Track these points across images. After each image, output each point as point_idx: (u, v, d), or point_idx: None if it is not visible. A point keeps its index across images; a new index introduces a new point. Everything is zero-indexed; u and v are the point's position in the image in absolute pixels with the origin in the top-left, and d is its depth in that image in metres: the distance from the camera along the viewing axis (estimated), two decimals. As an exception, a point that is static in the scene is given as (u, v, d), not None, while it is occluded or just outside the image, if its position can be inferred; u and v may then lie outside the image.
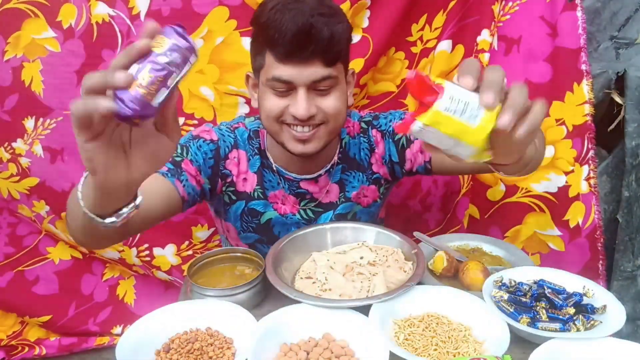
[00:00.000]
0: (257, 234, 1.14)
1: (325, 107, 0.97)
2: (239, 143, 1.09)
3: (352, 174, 1.14)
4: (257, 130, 1.11)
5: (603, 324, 0.77)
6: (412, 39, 1.37)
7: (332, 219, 1.13)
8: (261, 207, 1.11)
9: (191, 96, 1.36)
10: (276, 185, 1.11)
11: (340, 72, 0.99)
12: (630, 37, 1.35)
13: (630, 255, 1.40)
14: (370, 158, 1.14)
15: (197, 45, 0.66)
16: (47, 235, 1.57)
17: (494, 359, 0.68)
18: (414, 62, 1.39)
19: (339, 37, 0.94)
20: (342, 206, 1.13)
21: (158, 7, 1.27)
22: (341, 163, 1.13)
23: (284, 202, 1.12)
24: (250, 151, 1.10)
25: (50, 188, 1.43)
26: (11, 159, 1.40)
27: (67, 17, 1.27)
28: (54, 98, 1.33)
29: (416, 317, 0.83)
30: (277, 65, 0.93)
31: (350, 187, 1.13)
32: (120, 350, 0.76)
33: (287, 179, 1.10)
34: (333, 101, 0.97)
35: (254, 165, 1.10)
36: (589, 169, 1.29)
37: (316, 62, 0.92)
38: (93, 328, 1.66)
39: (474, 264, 0.93)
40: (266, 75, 0.95)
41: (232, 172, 1.09)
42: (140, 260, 1.56)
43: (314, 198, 1.12)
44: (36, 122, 1.36)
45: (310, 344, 0.78)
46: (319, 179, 1.11)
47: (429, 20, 1.34)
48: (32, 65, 1.30)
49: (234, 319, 0.82)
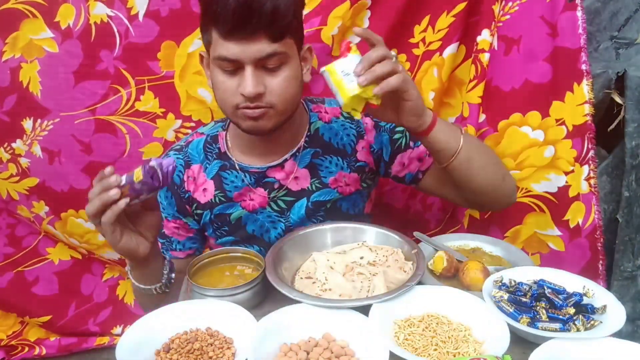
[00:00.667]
0: (232, 236, 1.13)
1: (275, 88, 0.94)
2: (190, 159, 1.11)
3: (327, 159, 1.10)
4: (216, 135, 1.12)
5: (603, 324, 0.77)
6: (414, 41, 1.36)
7: (309, 207, 1.10)
8: (227, 209, 1.10)
9: (189, 98, 1.35)
10: (240, 184, 1.09)
11: (291, 48, 0.95)
12: (630, 37, 1.35)
13: (630, 255, 1.40)
14: (357, 145, 1.11)
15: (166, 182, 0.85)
16: (46, 236, 1.57)
17: (494, 359, 0.68)
18: (416, 63, 1.39)
19: (285, 10, 0.89)
20: (318, 193, 1.10)
21: (156, 7, 1.26)
22: (311, 147, 1.09)
23: (252, 198, 1.10)
24: (206, 159, 1.10)
25: (49, 188, 1.43)
26: (11, 159, 1.40)
27: (66, 18, 1.27)
28: (51, 99, 1.33)
29: (416, 317, 0.83)
30: (222, 43, 0.91)
31: (327, 172, 1.10)
32: (120, 350, 0.76)
33: (251, 173, 1.08)
34: (282, 81, 0.94)
35: (210, 172, 1.10)
36: (589, 169, 1.29)
37: (261, 38, 0.89)
38: (93, 328, 1.66)
39: (474, 264, 0.93)
40: (213, 53, 0.94)
41: (190, 190, 1.10)
42: None
43: (282, 186, 1.09)
44: (34, 123, 1.35)
45: (310, 344, 0.78)
46: (285, 164, 1.08)
47: (432, 22, 1.33)
48: (29, 66, 1.30)
49: (234, 319, 0.83)
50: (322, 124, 1.11)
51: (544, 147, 1.32)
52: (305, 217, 1.11)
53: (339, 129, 1.11)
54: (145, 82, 1.33)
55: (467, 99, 1.34)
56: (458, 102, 1.41)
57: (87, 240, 1.52)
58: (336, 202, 1.12)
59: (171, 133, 1.39)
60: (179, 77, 1.32)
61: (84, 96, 1.33)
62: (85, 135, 1.37)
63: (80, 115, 1.35)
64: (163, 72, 1.32)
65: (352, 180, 1.12)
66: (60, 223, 1.49)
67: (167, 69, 1.32)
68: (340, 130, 1.11)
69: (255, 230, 1.12)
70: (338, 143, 1.11)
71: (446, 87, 1.40)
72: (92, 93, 1.33)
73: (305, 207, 1.10)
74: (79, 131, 1.36)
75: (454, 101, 1.42)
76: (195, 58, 1.30)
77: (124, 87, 1.33)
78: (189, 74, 1.32)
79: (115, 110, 1.35)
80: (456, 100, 1.42)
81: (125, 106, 1.35)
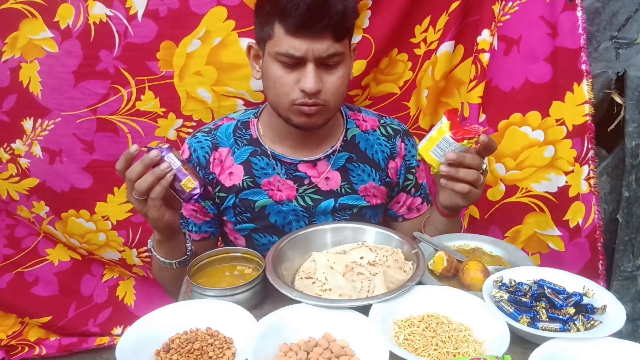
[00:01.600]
0: (253, 223, 1.13)
1: (331, 86, 0.97)
2: (218, 142, 1.11)
3: (361, 167, 1.13)
4: (247, 122, 1.12)
5: (603, 324, 0.77)
6: (415, 41, 1.37)
7: (336, 207, 1.11)
8: (253, 196, 1.10)
9: (189, 98, 1.35)
10: (271, 171, 1.09)
11: (346, 47, 0.99)
12: (630, 37, 1.35)
13: (630, 255, 1.40)
14: (388, 163, 1.15)
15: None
16: (45, 237, 1.57)
17: (494, 359, 0.68)
18: (417, 64, 1.39)
19: (351, 12, 0.95)
20: (348, 197, 1.12)
21: (155, 7, 1.26)
22: (346, 152, 1.12)
23: (280, 189, 1.10)
24: (236, 144, 1.10)
25: (49, 189, 1.43)
26: (10, 159, 1.40)
27: (65, 18, 1.26)
28: (52, 99, 1.33)
29: (416, 317, 0.83)
30: (287, 38, 0.92)
31: (359, 179, 1.13)
32: (120, 350, 0.76)
33: (284, 163, 1.09)
34: (337, 79, 0.98)
35: (240, 157, 1.10)
36: (589, 169, 1.29)
37: (327, 37, 0.92)
38: (93, 329, 1.66)
39: (474, 264, 0.93)
40: (275, 48, 0.94)
41: (216, 172, 1.11)
42: (140, 260, 1.56)
43: (312, 183, 1.10)
44: (34, 123, 1.35)
45: (310, 344, 0.78)
46: (318, 163, 1.10)
47: (433, 22, 1.34)
48: (29, 65, 1.30)
49: (233, 319, 0.82)
50: (359, 132, 1.14)
51: (544, 147, 1.32)
52: (331, 217, 1.13)
53: (375, 142, 1.15)
54: (145, 82, 1.33)
55: (467, 99, 1.35)
56: (457, 102, 1.41)
57: (87, 240, 1.52)
58: (362, 209, 1.15)
59: (173, 132, 1.39)
60: (178, 77, 1.32)
61: (84, 96, 1.33)
62: (87, 134, 1.37)
63: (82, 114, 1.35)
64: (162, 72, 1.32)
65: (380, 193, 1.16)
66: (61, 223, 1.49)
67: (166, 68, 1.32)
68: (376, 144, 1.15)
69: (278, 221, 1.12)
70: (373, 155, 1.14)
71: (443, 86, 1.40)
72: (93, 93, 1.33)
73: (332, 207, 1.12)
74: (81, 130, 1.36)
75: (452, 101, 1.42)
76: (194, 58, 1.30)
77: (124, 87, 1.33)
78: (188, 74, 1.32)
79: (116, 110, 1.35)
80: (454, 100, 1.42)
81: (126, 106, 1.35)
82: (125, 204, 1.47)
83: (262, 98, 1.34)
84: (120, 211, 1.48)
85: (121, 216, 1.48)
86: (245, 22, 1.27)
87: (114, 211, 1.47)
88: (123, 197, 1.45)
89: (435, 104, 1.42)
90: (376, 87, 1.42)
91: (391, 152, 1.15)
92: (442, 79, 1.39)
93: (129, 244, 1.52)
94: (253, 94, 1.34)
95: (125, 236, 1.51)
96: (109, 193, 1.45)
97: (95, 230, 1.49)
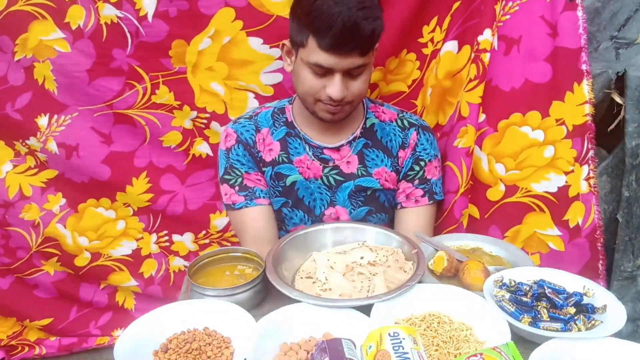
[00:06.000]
0: (284, 197, 1.24)
1: (355, 90, 1.10)
2: (259, 125, 1.25)
3: (375, 152, 1.24)
4: (283, 108, 1.27)
5: (604, 323, 0.77)
6: (423, 41, 1.39)
7: (353, 189, 1.23)
8: (286, 170, 1.24)
9: (202, 91, 1.38)
10: (302, 151, 1.24)
11: (371, 57, 1.10)
12: (630, 37, 1.35)
13: (630, 255, 1.40)
14: (399, 151, 1.26)
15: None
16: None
17: (491, 351, 0.67)
18: (425, 63, 1.41)
19: (378, 33, 1.05)
20: (363, 179, 1.23)
21: (165, 8, 1.28)
22: (364, 138, 1.25)
23: (309, 167, 1.24)
24: (274, 125, 1.25)
25: (69, 179, 1.45)
26: (29, 152, 1.42)
27: (75, 19, 1.28)
28: (68, 95, 1.35)
29: (418, 317, 0.83)
30: (319, 53, 1.01)
31: (373, 163, 1.25)
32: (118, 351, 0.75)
33: (312, 146, 1.24)
34: (361, 84, 1.10)
35: (277, 135, 1.24)
36: (589, 169, 1.29)
37: (355, 54, 1.03)
38: (94, 332, 1.67)
39: (474, 264, 0.93)
40: (307, 58, 1.05)
41: (261, 150, 1.25)
42: (158, 247, 1.58)
43: (336, 165, 1.24)
44: (50, 120, 1.37)
45: (311, 343, 0.78)
46: (341, 148, 1.24)
47: (440, 22, 1.36)
48: (42, 65, 1.32)
49: (231, 318, 0.82)
50: (377, 122, 1.28)
51: (543, 147, 1.31)
52: (348, 199, 1.23)
53: (390, 132, 1.27)
54: (160, 78, 1.36)
55: (467, 98, 1.34)
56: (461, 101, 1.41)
57: (102, 233, 1.53)
58: (375, 192, 1.26)
59: (189, 122, 1.43)
60: (191, 73, 1.36)
61: (100, 92, 1.36)
62: (105, 127, 1.40)
63: (99, 109, 1.38)
64: (176, 68, 1.35)
65: (391, 179, 1.27)
66: (74, 217, 1.50)
67: (179, 65, 1.35)
68: (391, 134, 1.27)
69: (305, 197, 1.25)
70: (387, 143, 1.26)
71: (448, 86, 1.41)
72: (108, 89, 1.36)
73: (350, 189, 1.24)
74: (99, 123, 1.40)
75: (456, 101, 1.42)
76: (205, 55, 1.33)
77: (139, 83, 1.37)
78: (200, 70, 1.36)
79: (133, 104, 1.38)
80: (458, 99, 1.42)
81: (142, 100, 1.38)
82: (145, 194, 1.50)
83: (272, 92, 1.40)
84: (140, 200, 1.51)
85: (142, 204, 1.52)
86: (252, 22, 1.31)
87: (135, 200, 1.51)
88: (142, 187, 1.49)
89: (440, 102, 1.43)
90: (386, 86, 1.46)
91: (403, 142, 1.26)
92: (446, 78, 1.40)
93: (149, 229, 1.55)
94: (263, 88, 1.40)
95: (146, 221, 1.55)
96: (128, 184, 1.48)
97: (115, 219, 1.52)
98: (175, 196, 1.53)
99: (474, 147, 1.36)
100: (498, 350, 0.67)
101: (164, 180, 1.51)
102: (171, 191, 1.52)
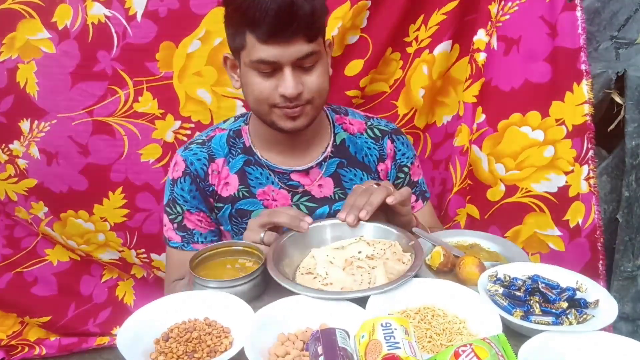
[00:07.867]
0: None
1: (311, 85, 0.96)
2: (213, 154, 1.09)
3: (353, 172, 1.12)
4: (239, 130, 1.11)
5: (595, 317, 0.78)
6: (408, 40, 1.37)
7: (331, 213, 1.11)
8: (249, 206, 1.09)
9: (188, 99, 1.34)
10: (265, 181, 1.09)
11: (321, 45, 0.97)
12: (630, 37, 1.36)
13: (630, 255, 1.40)
14: (377, 165, 1.14)
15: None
16: (44, 238, 1.56)
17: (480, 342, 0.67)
18: (408, 62, 1.39)
19: (320, 11, 0.93)
20: (341, 203, 1.08)
21: (155, 7, 1.25)
22: (337, 157, 1.11)
23: (274, 198, 1.09)
24: (230, 153, 1.09)
25: (48, 189, 1.41)
26: (9, 160, 1.38)
27: (63, 18, 1.25)
28: (48, 100, 1.32)
29: (412, 309, 0.84)
30: (260, 47, 0.91)
31: (352, 183, 1.11)
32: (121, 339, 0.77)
33: (277, 172, 1.09)
34: (317, 78, 0.97)
35: (234, 167, 1.09)
36: (589, 169, 1.29)
37: (299, 40, 0.91)
38: (93, 329, 1.66)
39: (470, 259, 0.94)
40: (249, 57, 0.94)
41: (214, 183, 1.09)
42: (140, 260, 1.56)
43: (306, 191, 1.10)
44: (31, 125, 1.34)
45: (307, 333, 0.79)
46: (310, 171, 1.10)
47: (425, 20, 1.34)
48: (26, 66, 1.28)
49: (231, 309, 0.84)
50: (347, 135, 1.13)
51: (543, 147, 1.32)
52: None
53: (363, 145, 1.13)
54: (144, 83, 1.32)
55: (462, 98, 1.35)
56: (454, 101, 1.42)
57: (87, 240, 1.51)
58: None
59: (170, 134, 1.38)
60: (177, 78, 1.31)
61: (81, 97, 1.32)
62: (82, 138, 1.35)
63: (78, 116, 1.33)
64: (162, 72, 1.31)
65: None
66: (59, 224, 1.48)
67: (165, 69, 1.30)
68: (365, 147, 1.13)
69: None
70: (363, 158, 1.13)
71: (440, 85, 1.40)
72: (90, 94, 1.32)
73: (327, 214, 1.11)
74: (76, 133, 1.35)
75: (449, 100, 1.43)
76: (194, 59, 1.29)
77: (122, 88, 1.32)
78: (188, 75, 1.31)
79: (113, 112, 1.34)
80: (451, 99, 1.42)
81: (123, 107, 1.34)
82: (120, 209, 1.45)
83: None
84: (117, 215, 1.46)
85: (118, 220, 1.47)
86: None
87: (111, 214, 1.46)
88: (118, 202, 1.44)
89: (432, 103, 1.43)
90: (370, 85, 1.42)
91: (380, 154, 1.14)
92: (439, 78, 1.39)
93: (127, 245, 1.51)
94: None
95: (124, 237, 1.50)
96: (105, 197, 1.43)
97: (95, 231, 1.48)
98: (151, 215, 1.47)
99: (469, 145, 1.37)
100: (488, 341, 0.68)
101: (139, 198, 1.44)
102: (147, 209, 1.46)
